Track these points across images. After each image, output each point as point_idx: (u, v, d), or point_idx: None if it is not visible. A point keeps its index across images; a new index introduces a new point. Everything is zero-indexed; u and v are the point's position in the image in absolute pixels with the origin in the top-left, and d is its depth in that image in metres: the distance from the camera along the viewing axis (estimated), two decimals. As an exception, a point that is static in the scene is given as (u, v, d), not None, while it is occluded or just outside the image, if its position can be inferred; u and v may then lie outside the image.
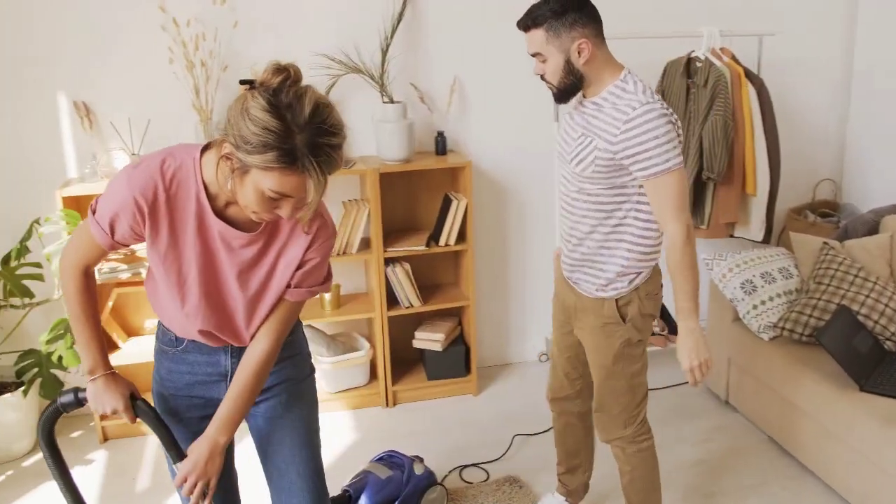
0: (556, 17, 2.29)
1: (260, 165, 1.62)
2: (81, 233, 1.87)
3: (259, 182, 1.65)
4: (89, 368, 1.96)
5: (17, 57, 3.48)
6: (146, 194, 1.76)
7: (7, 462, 3.55)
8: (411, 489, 3.05)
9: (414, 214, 4.04)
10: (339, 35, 3.73)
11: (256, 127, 1.60)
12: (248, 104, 1.62)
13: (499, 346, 4.34)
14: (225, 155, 1.68)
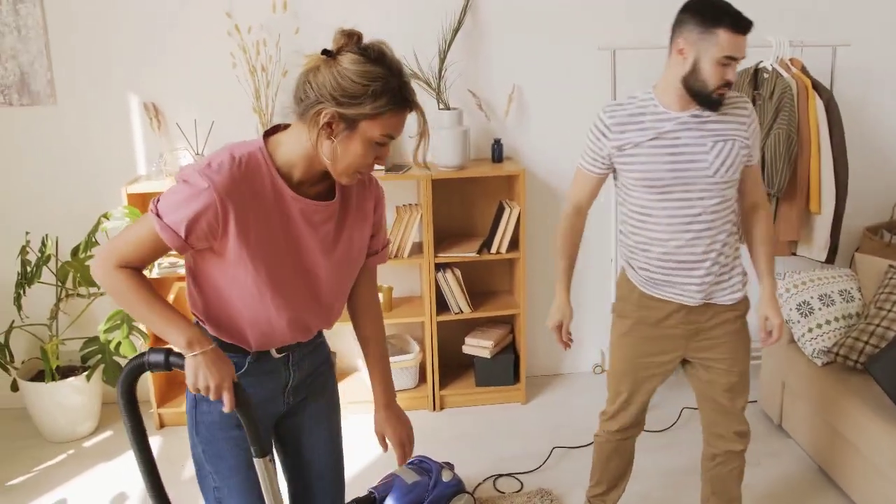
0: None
1: (372, 113, 1.73)
2: (140, 235, 1.79)
3: (369, 132, 1.76)
4: (188, 341, 1.79)
5: (94, 59, 3.69)
6: (230, 191, 1.75)
7: (70, 442, 3.77)
8: (437, 495, 3.07)
9: (470, 221, 4.06)
10: (398, 41, 3.72)
11: (364, 79, 1.72)
12: (342, 65, 1.73)
13: (552, 356, 4.31)
14: (326, 123, 1.74)
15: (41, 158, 3.80)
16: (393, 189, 3.95)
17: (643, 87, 3.85)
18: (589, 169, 2.59)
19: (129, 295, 1.81)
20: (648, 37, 3.87)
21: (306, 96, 1.77)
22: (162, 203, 1.78)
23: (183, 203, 1.74)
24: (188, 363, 1.81)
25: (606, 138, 2.48)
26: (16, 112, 3.71)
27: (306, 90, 1.77)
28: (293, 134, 1.84)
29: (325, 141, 1.78)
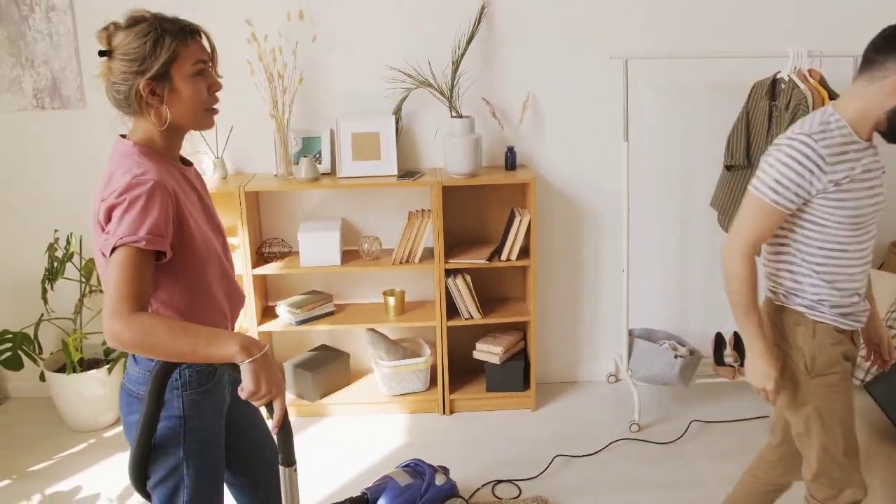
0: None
1: (169, 57, 1.85)
2: (129, 272, 1.74)
3: (181, 71, 1.87)
4: (242, 347, 1.74)
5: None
6: (165, 180, 1.83)
7: (92, 431, 3.93)
8: (428, 498, 3.12)
9: (484, 227, 4.09)
10: (413, 49, 3.84)
11: (140, 38, 1.85)
12: (120, 47, 1.85)
13: (566, 364, 4.31)
14: (148, 94, 1.85)
15: (70, 160, 3.96)
16: (407, 195, 4.02)
17: (656, 97, 3.90)
18: (785, 205, 2.18)
19: (162, 330, 1.72)
20: (660, 47, 3.86)
21: (120, 92, 1.88)
22: (123, 230, 1.75)
23: (146, 212, 1.77)
24: (248, 368, 1.75)
25: (822, 171, 2.15)
26: (48, 115, 3.88)
27: (117, 89, 1.88)
28: (141, 128, 1.92)
29: (160, 109, 1.89)
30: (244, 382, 1.77)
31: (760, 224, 2.22)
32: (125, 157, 1.87)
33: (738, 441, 3.68)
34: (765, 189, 2.19)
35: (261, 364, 1.77)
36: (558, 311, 4.22)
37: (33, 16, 3.73)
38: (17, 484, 3.51)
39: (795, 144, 2.15)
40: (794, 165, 2.14)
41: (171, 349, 1.72)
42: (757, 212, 2.22)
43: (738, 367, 3.94)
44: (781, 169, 2.16)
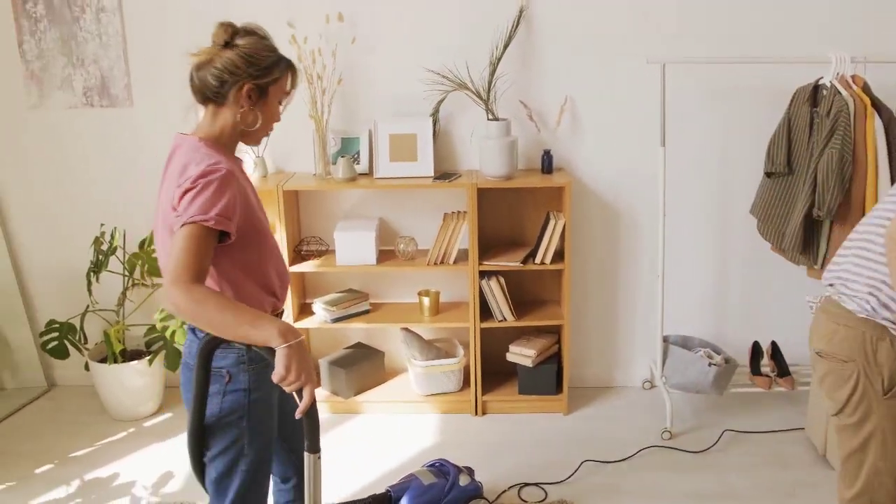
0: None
1: (277, 77, 2.12)
2: (194, 246, 1.89)
3: (276, 94, 2.14)
4: (280, 332, 1.87)
5: (166, 66, 3.95)
6: (232, 170, 2.02)
7: (133, 420, 4.04)
8: (452, 499, 3.15)
9: (519, 230, 4.09)
10: (451, 51, 3.86)
11: (268, 51, 2.11)
12: (245, 47, 2.07)
13: (601, 369, 4.29)
14: (246, 94, 2.06)
15: (116, 156, 4.09)
16: (443, 196, 4.05)
17: (694, 102, 3.86)
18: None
19: (212, 303, 1.86)
20: (700, 51, 3.82)
21: (220, 81, 2.06)
22: (191, 211, 1.92)
23: (217, 196, 1.94)
24: (282, 353, 1.88)
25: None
26: (96, 112, 4.01)
27: (217, 76, 2.05)
28: (216, 120, 2.12)
29: (248, 112, 2.10)
30: (276, 366, 1.89)
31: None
32: (194, 151, 2.05)
33: (772, 453, 3.62)
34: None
35: (294, 350, 1.89)
36: (594, 315, 4.20)
37: (84, 17, 3.86)
38: (58, 469, 3.63)
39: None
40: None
41: (218, 322, 1.87)
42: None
43: (774, 378, 3.88)
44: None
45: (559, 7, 3.81)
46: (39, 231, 4.22)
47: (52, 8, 3.85)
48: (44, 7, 3.85)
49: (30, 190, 4.16)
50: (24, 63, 3.94)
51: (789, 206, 3.63)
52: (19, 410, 4.18)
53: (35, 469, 3.62)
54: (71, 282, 4.23)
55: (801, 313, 4.10)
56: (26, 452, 3.77)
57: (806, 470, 3.50)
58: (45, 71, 3.95)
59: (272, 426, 2.24)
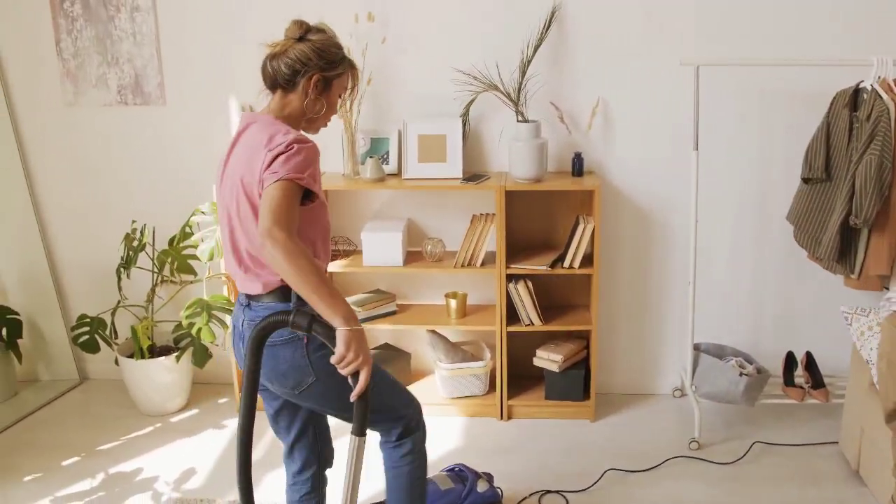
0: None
1: (342, 72, 2.33)
2: (292, 201, 2.06)
3: (338, 87, 2.34)
4: (345, 316, 1.99)
5: (199, 65, 3.97)
6: (318, 152, 2.21)
7: (160, 416, 4.08)
8: (468, 504, 3.12)
9: (548, 233, 4.04)
10: (482, 51, 3.82)
11: (337, 48, 2.31)
12: (317, 42, 2.26)
13: (631, 375, 4.21)
14: (314, 85, 2.26)
15: (150, 154, 4.13)
16: (472, 198, 4.01)
17: (729, 105, 3.79)
18: None
19: (306, 260, 1.99)
20: (735, 52, 3.73)
21: (292, 70, 2.25)
22: (287, 169, 2.09)
23: (308, 162, 2.14)
24: (343, 334, 1.98)
25: None
26: (130, 111, 4.06)
27: (289, 65, 2.25)
28: (284, 104, 2.30)
29: (315, 100, 2.30)
30: (337, 346, 2.00)
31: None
32: (275, 124, 2.25)
33: (803, 467, 3.52)
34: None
35: (356, 335, 2.00)
36: (623, 320, 4.13)
37: (119, 16, 3.90)
38: (85, 461, 3.68)
39: None
40: None
41: (302, 278, 1.98)
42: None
43: (808, 389, 3.77)
44: None
45: (591, 7, 3.75)
46: (73, 227, 4.28)
47: (89, 7, 3.91)
48: (80, 6, 3.91)
49: (64, 186, 4.23)
50: (61, 61, 4.00)
51: (826, 213, 3.52)
52: (52, 402, 4.25)
53: (62, 461, 3.67)
54: (103, 277, 4.29)
55: (838, 324, 3.98)
56: (55, 444, 3.82)
57: (838, 486, 3.38)
58: (80, 69, 4.00)
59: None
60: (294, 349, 2.23)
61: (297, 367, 2.23)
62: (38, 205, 4.26)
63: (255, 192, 2.16)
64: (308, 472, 2.59)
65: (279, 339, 2.22)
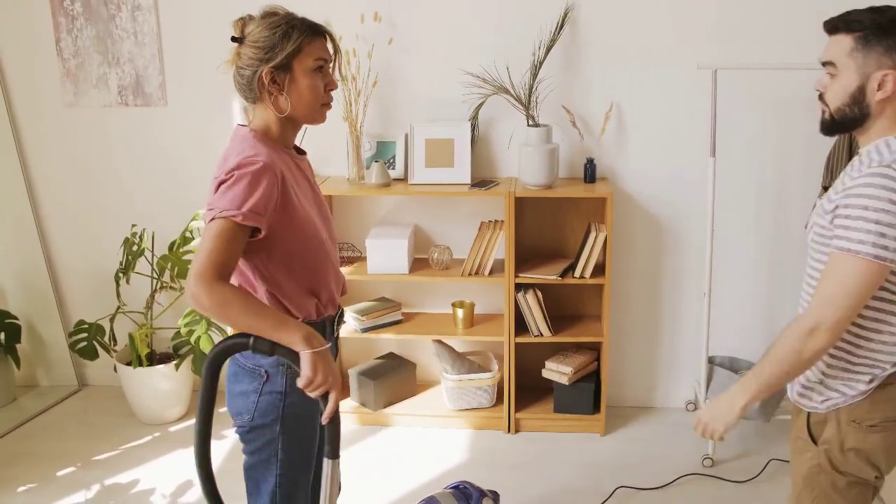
0: (876, 31, 1.84)
1: (294, 49, 2.00)
2: (222, 240, 1.86)
3: (303, 65, 2.02)
4: (305, 337, 1.87)
5: (201, 66, 3.89)
6: (274, 162, 1.96)
7: (160, 424, 3.98)
8: (472, 524, 3.00)
9: (559, 241, 3.93)
10: (492, 53, 3.71)
11: (271, 29, 2.00)
12: (251, 35, 2.02)
13: (642, 388, 4.10)
14: (270, 82, 2.01)
15: (150, 156, 4.04)
16: (480, 204, 3.91)
17: (747, 110, 3.66)
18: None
19: (237, 304, 1.85)
20: (753, 57, 3.61)
21: (244, 77, 2.03)
22: (222, 203, 1.88)
23: (249, 190, 1.89)
24: (307, 357, 1.87)
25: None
26: (131, 112, 3.97)
27: (242, 74, 2.04)
28: (261, 115, 2.08)
29: (278, 98, 2.04)
30: (302, 370, 1.89)
31: (866, 288, 1.82)
32: (241, 142, 2.03)
33: (822, 486, 3.40)
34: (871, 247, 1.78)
35: (320, 356, 1.89)
36: (635, 332, 4.01)
37: (120, 15, 3.81)
38: (80, 472, 3.59)
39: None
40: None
41: (242, 323, 1.87)
42: (859, 272, 1.80)
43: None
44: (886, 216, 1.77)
45: (605, 9, 3.64)
46: (72, 230, 4.20)
47: (89, 6, 3.82)
48: (81, 5, 3.82)
49: (64, 189, 4.14)
50: (61, 61, 3.91)
51: (848, 223, 3.41)
52: (50, 409, 4.16)
53: (57, 471, 3.58)
54: (102, 282, 4.19)
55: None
56: (50, 453, 3.73)
57: (858, 507, 3.27)
58: (80, 69, 3.92)
59: (310, 437, 2.20)
60: None
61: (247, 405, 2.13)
62: (38, 207, 4.18)
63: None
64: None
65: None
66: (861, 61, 1.86)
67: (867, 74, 1.86)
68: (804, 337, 1.84)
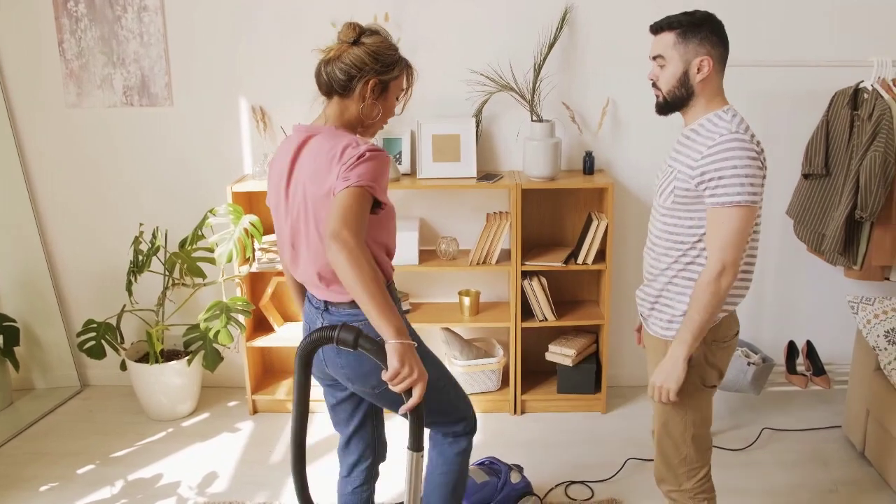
0: (691, 26, 2.31)
1: (398, 74, 2.29)
2: (363, 207, 2.06)
3: (395, 89, 2.31)
4: (398, 329, 1.95)
5: (208, 65, 3.95)
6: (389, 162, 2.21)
7: (170, 420, 4.03)
8: (504, 496, 3.16)
9: (560, 230, 4.12)
10: (495, 53, 3.89)
11: (391, 50, 2.26)
12: (371, 45, 2.22)
13: (637, 367, 4.33)
14: (371, 89, 2.23)
15: (157, 156, 4.07)
16: (484, 197, 4.08)
17: (735, 104, 3.82)
18: (760, 203, 2.31)
19: (369, 269, 1.97)
20: (740, 55, 3.87)
21: (347, 76, 2.22)
22: (365, 179, 2.09)
23: (379, 172, 2.14)
24: (394, 347, 1.94)
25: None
26: (136, 112, 4.00)
27: (344, 71, 2.22)
28: (340, 110, 2.28)
29: (371, 104, 2.27)
30: (389, 361, 1.95)
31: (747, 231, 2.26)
32: (339, 136, 2.22)
33: (811, 450, 3.68)
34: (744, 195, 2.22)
35: (408, 349, 1.96)
36: (631, 314, 4.24)
37: (126, 16, 3.84)
38: (101, 469, 3.62)
39: (744, 143, 2.22)
40: (751, 164, 2.21)
41: (362, 284, 1.96)
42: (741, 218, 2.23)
43: (810, 376, 3.93)
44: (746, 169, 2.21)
45: (602, 9, 3.85)
46: (74, 230, 4.20)
47: (94, 7, 3.84)
48: (85, 6, 3.84)
49: (65, 189, 4.14)
50: (64, 62, 3.92)
51: (827, 207, 3.69)
52: (54, 410, 4.15)
53: (77, 469, 3.60)
54: (105, 281, 4.22)
55: (835, 313, 4.17)
56: (66, 452, 3.75)
57: (845, 467, 3.55)
58: (84, 70, 3.93)
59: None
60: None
61: (379, 368, 2.23)
62: (38, 209, 4.16)
63: (324, 209, 2.18)
64: (363, 464, 2.62)
65: None
66: (682, 51, 2.33)
67: (688, 61, 2.33)
68: (716, 280, 2.25)
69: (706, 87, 2.34)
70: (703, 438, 2.49)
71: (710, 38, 2.31)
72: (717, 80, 2.35)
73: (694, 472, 2.50)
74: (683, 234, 2.34)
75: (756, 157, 2.22)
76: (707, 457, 2.52)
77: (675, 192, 2.34)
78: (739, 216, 2.22)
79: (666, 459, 2.53)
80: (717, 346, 2.40)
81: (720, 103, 2.35)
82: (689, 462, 2.49)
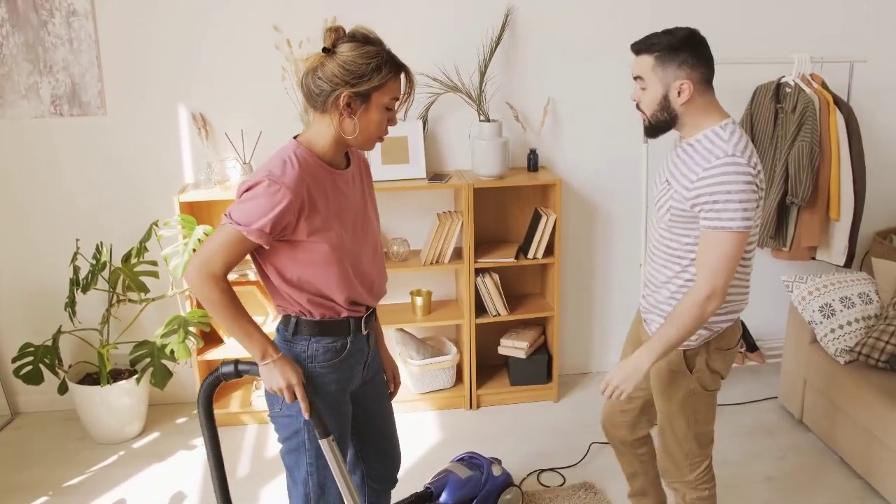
0: (669, 50, 2.29)
1: (379, 84, 2.06)
2: (227, 242, 2.02)
3: (380, 100, 2.09)
4: (261, 352, 2.12)
5: (143, 71, 3.79)
6: (298, 188, 2.04)
7: (119, 443, 3.86)
8: (489, 489, 3.23)
9: (505, 227, 4.22)
10: (441, 55, 3.93)
11: (365, 59, 2.05)
12: (343, 54, 2.05)
13: (581, 356, 4.49)
14: (345, 105, 2.06)
15: (91, 168, 3.88)
16: (432, 197, 4.12)
17: None
18: (754, 225, 2.33)
19: (219, 306, 2.07)
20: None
21: (320, 90, 2.08)
22: (238, 213, 2.03)
23: (259, 208, 2.01)
24: (261, 370, 2.16)
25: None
26: (67, 122, 3.78)
27: (318, 85, 2.08)
28: (319, 126, 2.15)
29: (346, 120, 2.10)
30: (264, 382, 2.19)
31: (736, 257, 2.29)
32: (279, 155, 2.11)
33: (754, 421, 3.95)
34: (733, 221, 2.24)
35: (272, 367, 2.14)
36: (574, 305, 4.39)
37: (53, 21, 3.62)
38: (56, 500, 3.43)
39: (741, 168, 2.22)
40: (747, 189, 2.22)
41: (218, 318, 2.10)
42: (730, 244, 2.25)
43: (745, 353, 4.20)
44: (740, 195, 2.22)
45: (541, 10, 3.96)
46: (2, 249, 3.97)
47: (16, 12, 3.60)
48: (6, 10, 3.60)
49: (-15, 206, 3.89)
50: (-16, 70, 3.66)
51: (755, 194, 3.94)
52: (-16, 443, 3.89)
53: (29, 503, 3.40)
54: (41, 302, 3.97)
55: (763, 292, 4.45)
56: (12, 487, 3.52)
57: (788, 435, 3.84)
58: (6, 79, 3.68)
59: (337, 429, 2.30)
60: None
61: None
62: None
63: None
64: (355, 480, 2.60)
65: None
66: (661, 75, 2.32)
67: (668, 85, 2.32)
68: (703, 303, 2.29)
69: (690, 109, 2.33)
70: (705, 435, 2.63)
71: (689, 60, 2.30)
72: (703, 99, 2.34)
73: (696, 464, 2.64)
74: (681, 250, 2.41)
75: (751, 180, 2.22)
76: (709, 450, 2.66)
77: (671, 211, 2.38)
78: (731, 241, 2.26)
79: (670, 454, 2.66)
80: (720, 354, 2.52)
81: (717, 118, 2.34)
82: (692, 456, 2.63)
